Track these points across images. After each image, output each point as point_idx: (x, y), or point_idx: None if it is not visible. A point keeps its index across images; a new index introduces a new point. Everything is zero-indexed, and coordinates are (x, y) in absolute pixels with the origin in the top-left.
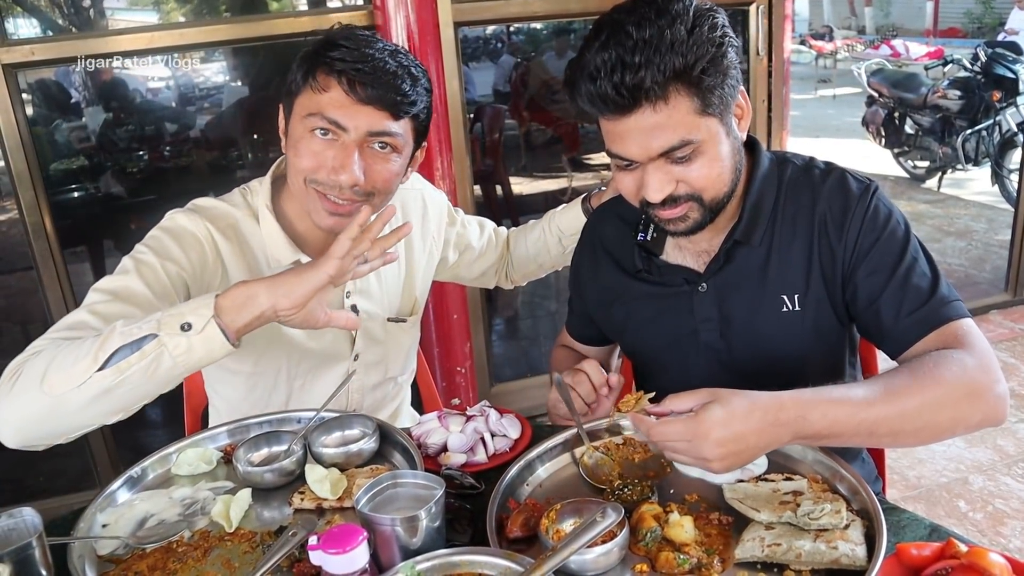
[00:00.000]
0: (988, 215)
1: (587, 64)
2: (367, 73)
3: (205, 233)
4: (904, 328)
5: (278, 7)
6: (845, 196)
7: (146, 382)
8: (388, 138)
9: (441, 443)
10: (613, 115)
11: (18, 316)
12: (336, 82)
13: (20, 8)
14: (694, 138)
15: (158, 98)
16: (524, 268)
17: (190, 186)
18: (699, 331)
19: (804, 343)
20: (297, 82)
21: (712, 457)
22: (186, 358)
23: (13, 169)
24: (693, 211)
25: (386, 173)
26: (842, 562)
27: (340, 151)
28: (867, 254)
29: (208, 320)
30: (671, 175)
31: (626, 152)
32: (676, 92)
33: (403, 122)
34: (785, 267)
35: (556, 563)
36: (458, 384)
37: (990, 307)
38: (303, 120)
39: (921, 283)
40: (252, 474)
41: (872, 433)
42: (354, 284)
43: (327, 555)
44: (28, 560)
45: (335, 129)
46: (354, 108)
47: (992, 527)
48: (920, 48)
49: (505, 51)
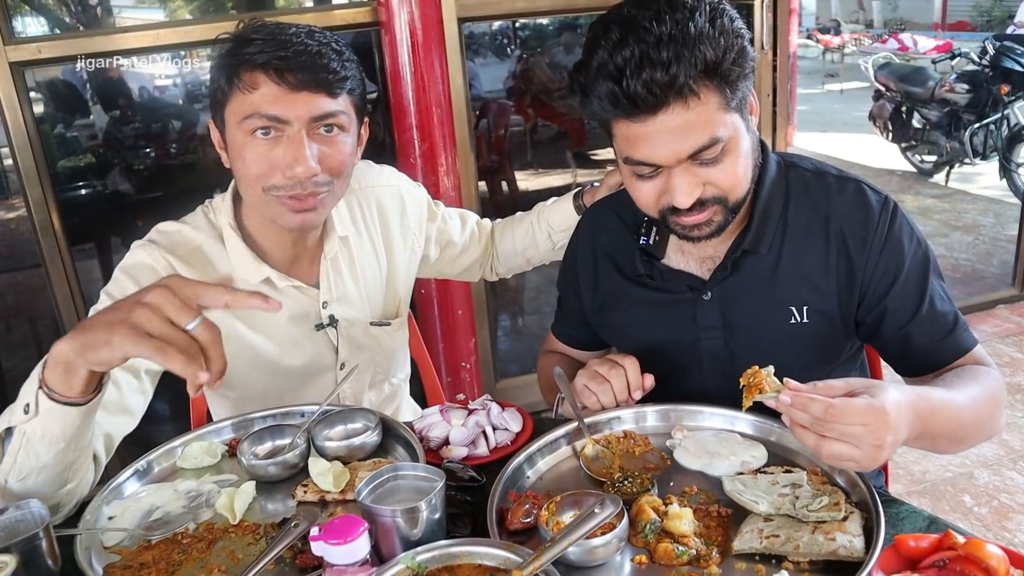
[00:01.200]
0: (996, 209)
1: (604, 64)
2: (292, 59)
3: (165, 265)
4: (938, 354)
5: (283, 4)
6: (865, 210)
7: (47, 455)
8: (331, 119)
9: (443, 436)
10: (638, 117)
11: (26, 313)
12: (263, 76)
13: (27, 6)
14: (722, 135)
15: (165, 95)
16: (510, 262)
17: (196, 183)
18: (701, 339)
19: (809, 355)
20: (222, 90)
21: (885, 444)
22: (52, 433)
23: (21, 166)
24: (717, 215)
25: (340, 156)
26: (840, 553)
27: (288, 145)
28: (895, 278)
29: (36, 394)
30: (698, 177)
31: (652, 156)
32: (706, 87)
33: (341, 99)
34: (796, 278)
35: (555, 554)
36: (463, 379)
37: (997, 302)
38: (240, 125)
39: (945, 308)
40: (256, 467)
41: (953, 438)
42: (330, 292)
43: (329, 546)
44: (35, 551)
45: (276, 124)
46: (289, 98)
47: (997, 522)
48: (928, 42)
49: (510, 46)
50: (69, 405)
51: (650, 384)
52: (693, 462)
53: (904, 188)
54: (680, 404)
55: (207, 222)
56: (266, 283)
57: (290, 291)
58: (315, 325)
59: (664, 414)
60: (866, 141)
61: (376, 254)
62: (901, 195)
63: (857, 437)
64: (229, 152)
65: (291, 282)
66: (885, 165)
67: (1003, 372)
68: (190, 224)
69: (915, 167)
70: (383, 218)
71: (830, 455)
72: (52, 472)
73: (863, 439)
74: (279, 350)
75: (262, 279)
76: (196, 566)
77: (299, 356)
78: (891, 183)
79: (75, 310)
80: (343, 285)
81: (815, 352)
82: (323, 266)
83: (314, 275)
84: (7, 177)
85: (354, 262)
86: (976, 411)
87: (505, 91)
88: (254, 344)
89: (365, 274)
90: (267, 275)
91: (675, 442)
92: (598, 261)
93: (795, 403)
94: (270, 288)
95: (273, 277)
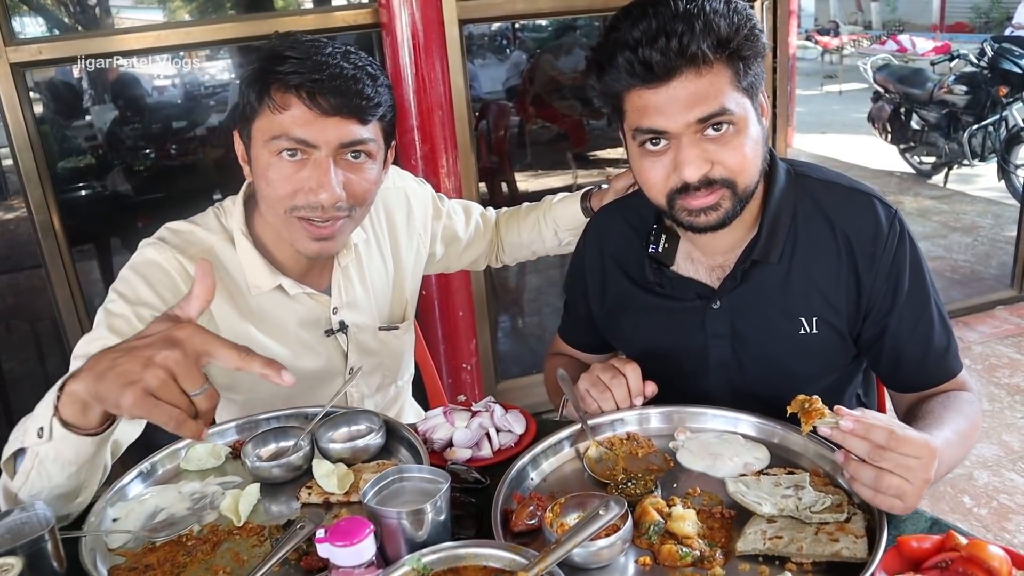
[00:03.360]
0: (994, 211)
1: (623, 37)
2: (325, 82)
3: (176, 265)
4: (927, 375)
5: (283, 5)
6: (876, 226)
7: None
8: (360, 146)
9: (447, 438)
10: (652, 84)
11: (27, 314)
12: (295, 98)
13: (27, 7)
14: (732, 108)
15: (165, 96)
16: (515, 253)
17: (197, 184)
18: (710, 347)
19: (817, 365)
20: (252, 106)
21: (930, 478)
22: (66, 458)
23: (22, 167)
24: (725, 199)
25: (366, 184)
26: (843, 555)
27: (314, 170)
28: (900, 296)
29: (50, 420)
30: (707, 153)
31: (663, 124)
32: (719, 59)
33: (372, 126)
34: (806, 288)
35: (560, 555)
36: (464, 381)
37: (996, 303)
38: (267, 144)
39: (942, 331)
40: (260, 469)
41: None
42: (340, 298)
43: (334, 548)
44: (40, 553)
45: (304, 148)
46: (320, 122)
47: (997, 523)
48: (926, 43)
49: (511, 48)
50: (84, 435)
51: (652, 391)
52: (696, 464)
53: (903, 189)
54: (683, 406)
55: (219, 224)
56: (278, 290)
57: (302, 297)
58: (325, 331)
59: (667, 416)
60: (865, 142)
61: (383, 258)
62: (900, 196)
63: (911, 470)
64: (253, 169)
65: (303, 289)
66: (884, 166)
67: (1002, 373)
68: (202, 225)
69: (914, 168)
70: (390, 221)
71: (888, 487)
72: (63, 491)
73: (916, 472)
74: (289, 355)
75: (275, 286)
76: (201, 568)
77: (309, 361)
78: (890, 184)
79: (75, 311)
80: (353, 291)
81: (822, 362)
82: (336, 274)
83: (325, 281)
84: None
85: (363, 268)
86: (964, 447)
87: (505, 92)
88: (265, 348)
89: (373, 279)
90: (280, 282)
91: (678, 444)
92: (606, 266)
93: (856, 429)
94: (282, 295)
95: (286, 284)
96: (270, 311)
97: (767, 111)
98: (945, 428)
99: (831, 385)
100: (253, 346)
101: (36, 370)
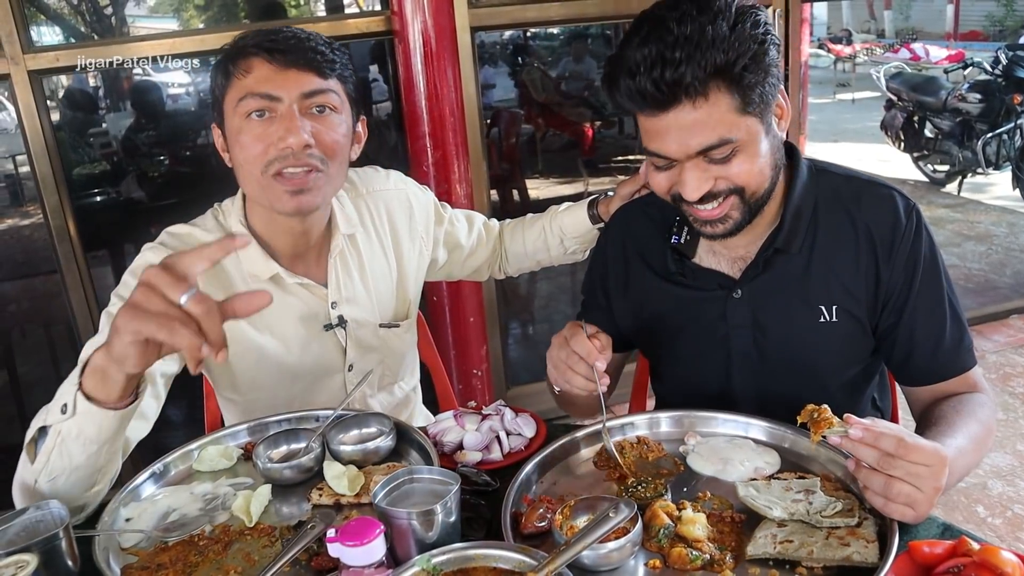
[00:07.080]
0: (1009, 219)
1: (627, 60)
2: (282, 41)
3: None
4: (940, 368)
5: (296, 13)
6: (895, 216)
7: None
8: (322, 96)
9: (457, 441)
10: (652, 111)
11: (42, 318)
12: (256, 59)
13: (44, 16)
14: (733, 137)
15: (179, 103)
16: (520, 263)
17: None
18: (731, 337)
19: (837, 354)
20: (221, 85)
21: (941, 487)
22: (87, 434)
23: (38, 173)
24: (735, 210)
25: (333, 134)
26: (853, 559)
27: (281, 121)
28: (916, 287)
29: (75, 395)
30: (709, 173)
31: (664, 149)
32: (716, 89)
33: (332, 81)
34: (827, 278)
35: (569, 557)
36: (474, 387)
37: (1011, 311)
38: (236, 110)
39: (957, 323)
40: (271, 470)
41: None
42: (339, 292)
43: (345, 547)
44: (55, 551)
45: (269, 103)
46: (281, 75)
47: (1011, 532)
48: (940, 51)
49: (522, 55)
50: (107, 409)
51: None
52: (706, 468)
53: (916, 198)
54: (693, 410)
55: (216, 224)
56: (275, 279)
57: (298, 290)
58: (324, 325)
59: (677, 420)
60: (878, 151)
61: (386, 256)
62: None
63: (921, 478)
64: (228, 142)
65: (299, 279)
66: (897, 175)
67: (1016, 382)
68: (200, 226)
69: (927, 177)
70: (392, 221)
71: (898, 495)
72: (83, 473)
73: (926, 480)
74: (286, 350)
75: (271, 275)
76: (212, 567)
77: (307, 356)
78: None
79: (90, 316)
80: (352, 286)
81: (843, 352)
82: (330, 263)
83: (322, 273)
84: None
85: (363, 263)
86: (978, 453)
87: (517, 99)
88: (261, 345)
89: (375, 275)
90: (276, 271)
91: (688, 448)
92: (629, 261)
93: (865, 437)
94: (278, 285)
95: (282, 273)
96: None
97: (786, 112)
98: (958, 435)
99: (851, 381)
100: (245, 341)
101: (51, 374)
